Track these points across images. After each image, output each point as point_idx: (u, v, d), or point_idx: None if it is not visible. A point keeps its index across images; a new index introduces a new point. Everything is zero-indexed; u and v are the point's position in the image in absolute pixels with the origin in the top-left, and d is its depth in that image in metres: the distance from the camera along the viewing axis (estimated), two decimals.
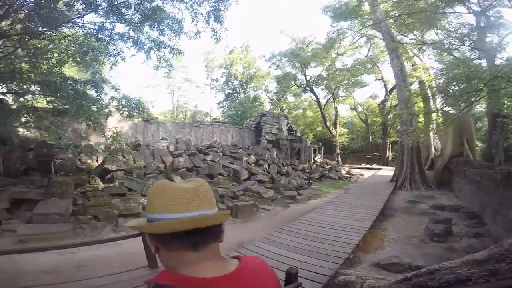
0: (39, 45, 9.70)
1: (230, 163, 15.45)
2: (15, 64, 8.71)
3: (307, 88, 32.49)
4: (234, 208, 9.08)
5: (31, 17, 7.79)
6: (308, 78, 31.70)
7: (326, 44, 24.96)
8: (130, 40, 9.59)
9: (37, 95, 10.07)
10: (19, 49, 9.25)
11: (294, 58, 29.88)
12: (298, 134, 25.98)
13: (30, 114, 9.89)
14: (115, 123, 12.98)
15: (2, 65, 8.12)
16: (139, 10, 8.98)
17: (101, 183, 10.75)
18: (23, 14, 8.30)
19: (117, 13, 8.79)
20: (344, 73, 28.61)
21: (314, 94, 32.65)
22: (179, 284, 0.64)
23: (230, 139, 21.90)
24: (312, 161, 23.50)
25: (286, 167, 18.19)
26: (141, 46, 9.69)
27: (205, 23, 9.48)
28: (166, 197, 0.69)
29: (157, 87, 41.71)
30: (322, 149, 27.53)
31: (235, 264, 0.74)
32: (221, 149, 17.93)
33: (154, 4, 9.26)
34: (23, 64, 9.22)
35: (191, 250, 0.69)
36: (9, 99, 10.21)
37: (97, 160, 12.85)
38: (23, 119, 10.52)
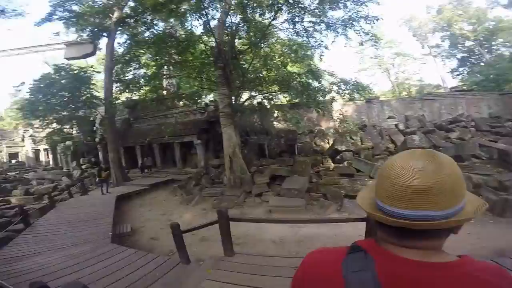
0: (262, 53, 12.35)
1: (490, 141, 10.72)
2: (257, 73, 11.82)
3: None
4: (500, 203, 6.10)
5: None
6: None
7: None
8: (323, 26, 9.79)
9: (277, 94, 13.06)
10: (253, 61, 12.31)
11: None
12: None
13: (278, 111, 13.36)
14: (339, 108, 13.77)
15: (250, 76, 11.47)
16: None
17: (332, 164, 11.77)
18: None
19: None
20: None
21: None
22: (370, 250, 0.66)
23: (486, 110, 16.11)
24: None
25: None
26: (335, 28, 9.87)
27: None
28: (385, 187, 0.64)
29: (368, 70, 38.85)
30: None
31: (449, 258, 0.63)
32: (473, 123, 13.08)
33: None
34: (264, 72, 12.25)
35: (395, 241, 0.65)
36: (265, 101, 14.07)
37: (328, 143, 14.36)
38: (275, 115, 14.55)
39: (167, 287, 3.69)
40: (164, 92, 16.35)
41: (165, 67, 12.21)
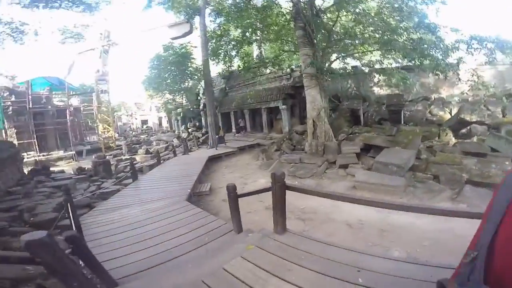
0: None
1: None
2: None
3: None
4: None
5: None
6: None
7: None
8: None
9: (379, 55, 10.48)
10: None
11: None
12: None
13: (380, 75, 10.83)
14: (470, 70, 9.82)
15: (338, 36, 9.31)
16: None
17: (453, 138, 8.79)
18: None
19: None
20: None
21: None
22: None
23: None
24: None
25: None
26: None
27: None
28: None
29: None
30: None
31: None
32: None
33: None
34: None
35: None
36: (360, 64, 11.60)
37: (450, 113, 10.78)
38: (375, 80, 11.91)
39: (209, 253, 3.39)
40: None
41: (248, 34, 11.58)
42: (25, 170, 14.12)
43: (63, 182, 10.83)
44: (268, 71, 14.82)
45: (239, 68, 13.18)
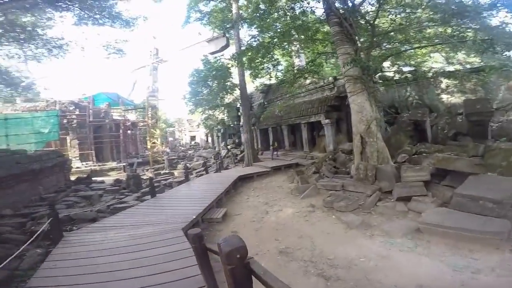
0: None
1: None
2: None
3: None
4: None
5: None
6: None
7: None
8: None
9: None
10: None
11: None
12: None
13: (450, 79, 8.42)
14: None
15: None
16: None
17: None
18: None
19: None
20: None
21: None
22: None
23: None
24: None
25: None
26: None
27: None
28: None
29: None
30: None
31: None
32: None
33: None
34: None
35: None
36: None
37: None
38: (442, 85, 9.31)
39: None
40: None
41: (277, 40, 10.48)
42: (72, 178, 14.91)
43: (90, 193, 10.73)
44: (308, 81, 13.23)
45: (276, 79, 11.97)
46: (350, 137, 11.37)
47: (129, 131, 26.91)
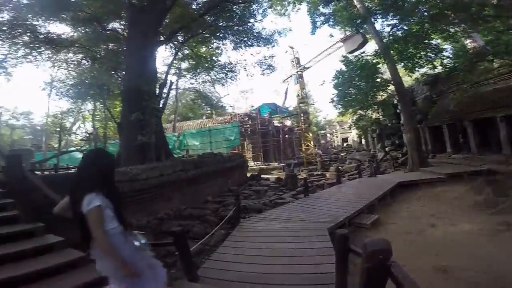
0: None
1: None
2: None
3: None
4: None
5: None
6: None
7: None
8: None
9: None
10: None
11: None
12: None
13: None
14: None
15: None
16: None
17: None
18: None
19: None
20: None
21: None
22: None
23: None
24: None
25: None
26: None
27: None
28: None
29: None
30: None
31: None
32: None
33: None
34: None
35: None
36: None
37: None
38: None
39: None
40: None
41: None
42: (248, 175, 18.84)
43: (259, 188, 13.13)
44: (496, 65, 9.43)
45: (444, 68, 9.54)
46: None
47: (286, 136, 30.33)
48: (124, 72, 11.72)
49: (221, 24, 14.33)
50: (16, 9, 10.33)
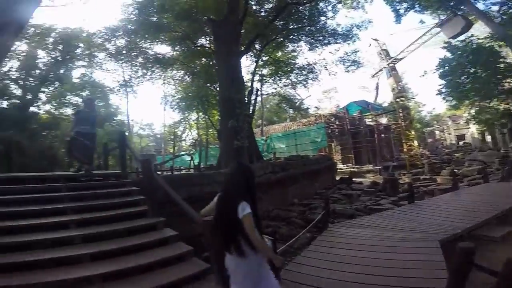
0: None
1: None
2: None
3: None
4: None
5: None
6: None
7: None
8: None
9: None
10: None
11: None
12: None
13: None
14: None
15: None
16: None
17: None
18: None
19: None
20: None
21: None
22: None
23: None
24: None
25: None
26: None
27: None
28: None
29: None
30: None
31: None
32: None
33: None
34: None
35: None
36: None
37: None
38: None
39: None
40: None
41: None
42: (337, 178, 17.89)
43: (351, 192, 12.26)
44: None
45: None
46: None
47: (382, 135, 27.19)
48: (218, 84, 13.27)
49: (291, 26, 14.39)
50: (127, 35, 13.30)
